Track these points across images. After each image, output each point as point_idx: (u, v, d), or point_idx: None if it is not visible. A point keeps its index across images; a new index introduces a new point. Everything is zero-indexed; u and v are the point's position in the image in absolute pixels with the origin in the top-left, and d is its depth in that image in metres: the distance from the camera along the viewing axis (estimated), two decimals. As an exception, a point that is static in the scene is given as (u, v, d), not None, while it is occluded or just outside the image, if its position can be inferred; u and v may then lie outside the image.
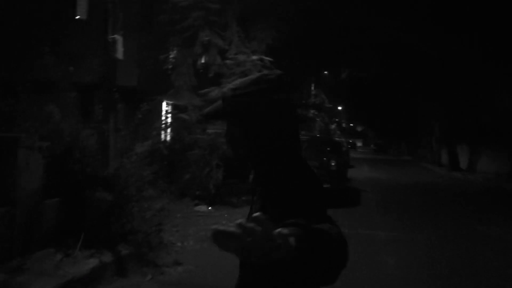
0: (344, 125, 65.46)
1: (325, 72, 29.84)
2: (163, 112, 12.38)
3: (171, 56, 12.00)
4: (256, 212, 1.33)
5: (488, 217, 10.38)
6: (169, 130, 11.52)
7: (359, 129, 73.29)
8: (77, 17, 12.44)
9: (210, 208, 9.14)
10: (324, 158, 10.37)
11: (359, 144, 67.51)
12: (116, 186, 5.54)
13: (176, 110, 11.88)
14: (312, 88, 28.50)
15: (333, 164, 10.29)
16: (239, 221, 0.85)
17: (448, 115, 25.66)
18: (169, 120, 11.65)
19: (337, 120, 52.46)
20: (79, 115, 5.82)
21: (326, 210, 1.28)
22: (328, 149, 10.98)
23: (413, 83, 25.60)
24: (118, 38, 5.90)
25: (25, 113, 5.39)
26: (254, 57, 11.39)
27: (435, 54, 19.46)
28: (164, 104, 12.95)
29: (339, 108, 50.79)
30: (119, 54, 5.93)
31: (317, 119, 25.92)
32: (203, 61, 11.85)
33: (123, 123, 6.52)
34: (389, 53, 21.81)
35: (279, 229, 0.88)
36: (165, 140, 11.16)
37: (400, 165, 31.91)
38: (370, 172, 22.45)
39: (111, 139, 5.92)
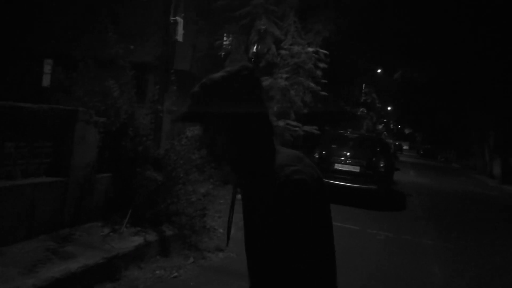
0: (392, 126, 63.87)
1: (378, 71, 29.14)
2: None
3: (225, 42, 12.02)
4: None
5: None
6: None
7: (406, 131, 71.34)
8: (138, -3, 12.70)
9: (252, 197, 9.10)
10: (373, 158, 10.01)
11: (405, 147, 65.26)
12: (166, 167, 5.58)
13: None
14: (364, 86, 27.90)
15: (381, 165, 9.91)
16: None
17: (504, 124, 24.40)
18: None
19: (385, 120, 51.25)
20: (135, 94, 5.88)
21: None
22: (378, 149, 10.60)
23: (468, 88, 24.52)
24: (180, 20, 5.90)
25: (85, 87, 5.51)
26: (310, 49, 11.20)
27: (492, 57, 18.58)
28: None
29: (389, 108, 49.56)
30: (179, 36, 5.94)
31: (366, 117, 25.39)
32: (254, 50, 11.79)
33: (176, 106, 6.54)
34: (446, 55, 20.96)
35: None
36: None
37: (448, 172, 30.76)
38: (416, 177, 21.75)
39: (164, 121, 5.96)
